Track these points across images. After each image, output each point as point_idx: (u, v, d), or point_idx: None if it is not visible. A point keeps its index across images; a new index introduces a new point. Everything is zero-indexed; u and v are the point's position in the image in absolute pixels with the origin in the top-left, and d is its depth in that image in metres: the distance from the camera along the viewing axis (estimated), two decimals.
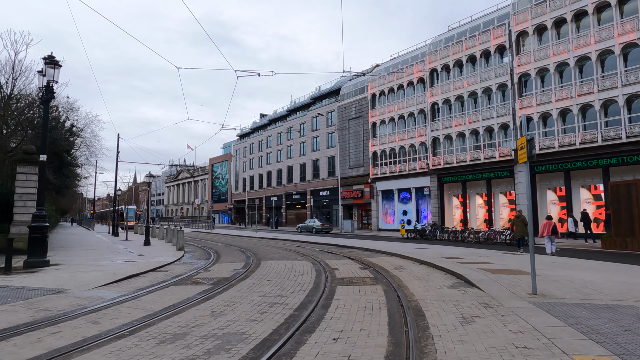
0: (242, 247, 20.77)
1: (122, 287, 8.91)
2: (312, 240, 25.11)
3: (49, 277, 9.89)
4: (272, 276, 10.32)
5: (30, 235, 11.86)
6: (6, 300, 7.30)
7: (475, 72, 32.44)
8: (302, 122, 56.47)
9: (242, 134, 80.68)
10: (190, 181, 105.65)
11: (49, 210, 29.57)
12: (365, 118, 43.38)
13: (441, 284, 8.81)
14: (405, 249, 17.76)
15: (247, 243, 24.00)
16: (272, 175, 63.45)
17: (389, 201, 40.80)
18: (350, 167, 45.54)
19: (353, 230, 37.25)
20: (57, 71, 12.28)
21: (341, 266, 12.35)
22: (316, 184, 52.32)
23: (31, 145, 17.69)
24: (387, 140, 40.01)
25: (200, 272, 11.25)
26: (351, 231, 37.06)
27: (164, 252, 17.71)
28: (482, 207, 32.89)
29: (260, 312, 6.34)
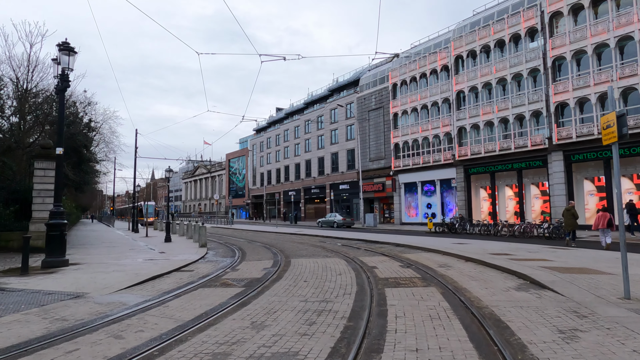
0: (266, 243, 19.93)
1: (146, 290, 8.08)
2: (336, 235, 24.15)
3: (68, 278, 9.14)
4: (307, 276, 9.38)
5: (48, 233, 11.17)
6: (20, 307, 6.52)
7: (504, 57, 30.82)
8: (320, 114, 55.39)
9: (259, 129, 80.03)
10: (207, 177, 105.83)
11: (69, 207, 29.41)
12: (386, 109, 42.06)
13: (505, 286, 7.72)
14: (440, 244, 16.63)
15: (270, 239, 23.18)
16: (289, 169, 62.65)
17: (412, 194, 39.52)
18: (370, 159, 44.35)
19: (375, 224, 36.16)
20: (72, 58, 11.51)
21: (378, 264, 11.34)
22: (335, 177, 51.30)
23: (48, 140, 17.10)
24: (409, 131, 38.66)
25: (228, 272, 10.38)
26: (373, 225, 35.98)
27: (186, 249, 16.99)
28: (512, 199, 31.39)
29: (308, 323, 5.38)
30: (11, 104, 20.43)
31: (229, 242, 21.42)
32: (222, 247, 18.55)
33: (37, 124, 21.74)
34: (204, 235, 17.63)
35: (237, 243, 20.41)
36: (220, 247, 18.57)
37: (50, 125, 22.33)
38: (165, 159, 43.87)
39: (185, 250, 16.14)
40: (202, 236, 17.58)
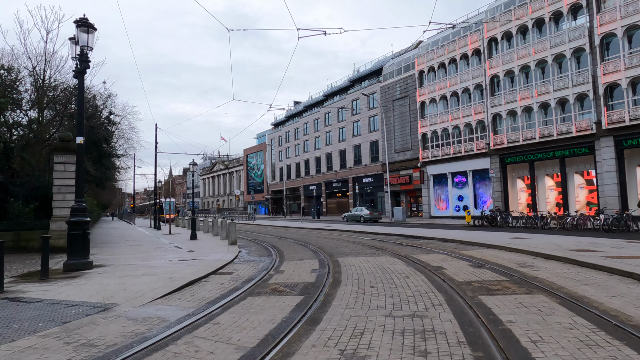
0: (298, 239, 18.59)
1: (185, 298, 6.76)
2: (369, 230, 22.67)
3: (93, 284, 7.91)
4: (369, 280, 7.95)
5: (70, 233, 9.99)
6: (37, 324, 5.25)
7: (543, 37, 28.71)
8: (340, 106, 53.79)
9: (277, 123, 78.87)
10: (225, 173, 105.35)
11: (90, 204, 28.66)
12: (412, 98, 40.23)
13: (637, 293, 6.15)
14: (493, 238, 15.02)
15: (300, 235, 21.84)
16: (310, 163, 61.29)
17: (442, 186, 37.71)
18: (396, 151, 42.61)
19: (404, 218, 34.54)
20: (91, 36, 10.25)
21: (442, 263, 9.84)
22: (358, 170, 49.72)
23: (68, 132, 16.03)
24: (438, 121, 36.79)
25: (273, 275, 9.03)
26: (402, 219, 34.36)
27: (216, 247, 15.76)
28: (554, 190, 29.39)
29: (419, 353, 3.95)
30: (29, 97, 19.50)
31: (258, 239, 20.16)
32: (253, 244, 17.27)
33: (56, 118, 20.80)
34: (234, 232, 16.37)
35: (267, 240, 19.12)
36: (250, 244, 17.30)
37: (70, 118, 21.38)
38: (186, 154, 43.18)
39: (215, 249, 14.90)
40: (232, 233, 16.31)
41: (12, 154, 17.28)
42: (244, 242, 18.19)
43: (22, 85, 19.46)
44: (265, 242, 17.74)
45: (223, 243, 17.32)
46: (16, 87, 18.24)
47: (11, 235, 14.36)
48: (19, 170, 16.66)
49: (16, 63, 17.38)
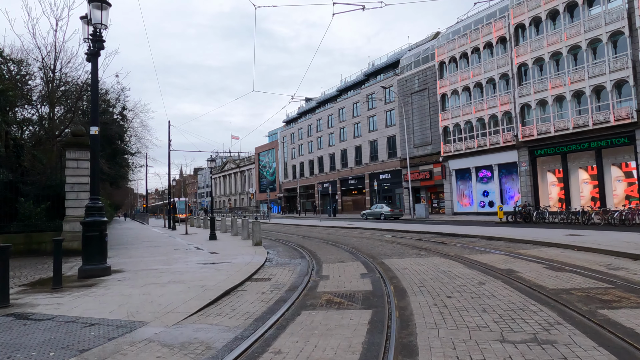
0: (326, 239, 17.37)
1: (226, 314, 5.57)
2: (397, 228, 21.37)
3: (113, 295, 6.75)
4: (437, 286, 6.69)
5: (85, 234, 8.88)
6: (48, 353, 4.08)
7: (576, 21, 27.05)
8: (355, 101, 52.42)
9: (289, 120, 77.79)
10: (236, 172, 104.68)
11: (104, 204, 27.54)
12: (432, 90, 38.73)
13: None
14: (548, 235, 13.63)
15: (325, 234, 20.62)
16: (323, 160, 60.05)
17: (465, 181, 36.20)
18: (415, 146, 41.15)
19: (427, 215, 33.12)
20: (105, 13, 9.11)
21: (508, 265, 8.54)
22: (375, 167, 48.34)
23: (80, 127, 14.99)
24: (460, 113, 35.26)
25: (318, 281, 7.80)
26: (425, 216, 32.95)
27: (239, 248, 14.60)
28: (588, 183, 27.76)
29: None
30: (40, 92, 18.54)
31: (280, 238, 18.99)
32: (278, 244, 16.09)
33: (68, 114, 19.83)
34: (259, 232, 15.19)
35: (291, 239, 17.93)
36: (276, 245, 16.12)
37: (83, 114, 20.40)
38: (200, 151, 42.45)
39: (239, 250, 13.74)
40: (256, 233, 15.13)
41: (23, 152, 16.33)
42: (268, 242, 17.01)
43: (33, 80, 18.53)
44: (290, 242, 16.56)
45: (246, 243, 16.16)
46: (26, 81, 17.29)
47: (22, 237, 13.37)
48: (29, 168, 15.69)
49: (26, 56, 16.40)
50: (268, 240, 18.20)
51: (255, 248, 14.04)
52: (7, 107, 14.16)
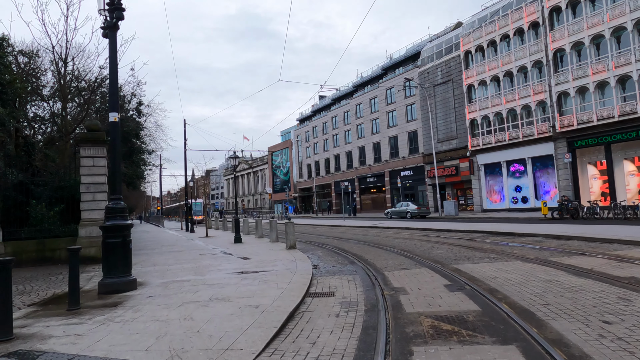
0: (363, 240, 15.83)
1: (306, 351, 4.03)
2: (433, 227, 19.72)
3: (145, 321, 5.25)
4: (570, 305, 5.07)
5: (105, 241, 7.43)
6: None
7: (620, 1, 25.04)
8: (372, 96, 50.71)
9: (302, 118, 76.35)
10: (249, 172, 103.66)
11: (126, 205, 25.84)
12: (457, 81, 36.88)
13: None
14: (628, 232, 11.87)
15: (357, 234, 19.06)
16: (340, 158, 58.42)
17: (495, 176, 34.29)
18: (439, 140, 39.32)
19: (456, 212, 31.32)
20: None
21: (632, 273, 6.86)
22: (395, 163, 46.58)
23: (96, 121, 13.64)
24: (489, 104, 33.37)
25: (395, 296, 6.24)
26: (454, 214, 31.16)
27: (272, 252, 13.10)
28: (635, 175, 25.74)
29: None
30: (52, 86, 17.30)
31: (312, 240, 17.47)
32: (314, 247, 14.57)
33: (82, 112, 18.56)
34: (292, 234, 13.67)
35: (325, 242, 16.40)
36: (311, 247, 14.60)
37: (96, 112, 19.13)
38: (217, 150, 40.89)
39: (274, 255, 12.24)
40: (290, 234, 13.61)
41: (34, 150, 15.05)
42: (301, 245, 15.49)
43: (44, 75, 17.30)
44: (326, 245, 15.03)
45: (277, 247, 14.66)
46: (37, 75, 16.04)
47: (34, 244, 12.04)
48: (41, 168, 14.39)
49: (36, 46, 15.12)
50: (300, 243, 16.71)
51: (292, 252, 12.52)
52: (17, 101, 12.86)
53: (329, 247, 14.01)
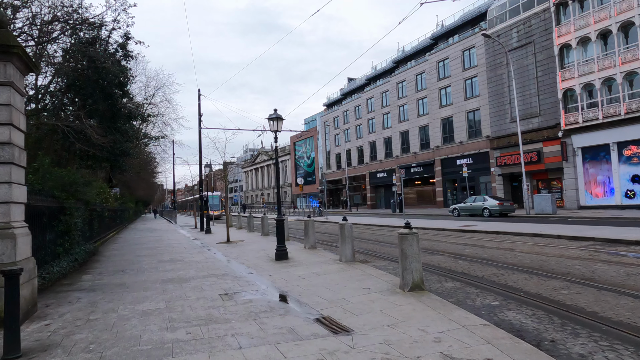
0: (518, 264, 8.51)
1: None
2: (575, 234, 12.26)
3: None
4: None
5: None
6: None
7: None
8: (419, 71, 42.98)
9: (330, 103, 69.07)
10: (269, 164, 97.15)
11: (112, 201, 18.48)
12: (542, 43, 28.96)
13: None
14: None
15: (464, 244, 11.75)
16: (376, 146, 50.96)
17: (598, 163, 26.39)
18: (512, 119, 31.54)
19: (554, 209, 23.59)
20: None
21: None
22: (449, 150, 38.89)
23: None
24: (595, 68, 25.41)
25: None
26: (551, 211, 23.45)
27: (363, 289, 5.97)
28: None
29: None
30: None
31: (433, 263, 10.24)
32: (439, 276, 7.33)
33: None
34: (416, 259, 6.44)
35: (457, 268, 9.16)
36: (428, 275, 7.35)
37: None
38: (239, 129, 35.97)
39: (389, 309, 5.09)
40: (412, 259, 6.38)
41: None
42: (391, 266, 8.27)
43: None
44: (476, 278, 7.78)
45: (365, 276, 7.54)
46: None
47: None
48: None
49: None
50: (381, 260, 9.54)
51: (419, 299, 5.29)
52: None
53: (463, 278, 6.75)
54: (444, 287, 6.96)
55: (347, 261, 9.45)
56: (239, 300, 6.31)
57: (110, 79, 11.78)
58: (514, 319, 5.04)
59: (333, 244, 14.79)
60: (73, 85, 11.52)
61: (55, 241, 9.46)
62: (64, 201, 9.90)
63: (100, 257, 12.65)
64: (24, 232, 5.82)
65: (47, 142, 12.94)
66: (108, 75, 11.72)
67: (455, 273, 8.04)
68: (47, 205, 8.77)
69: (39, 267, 7.85)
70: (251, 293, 6.85)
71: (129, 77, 12.57)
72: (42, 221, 8.25)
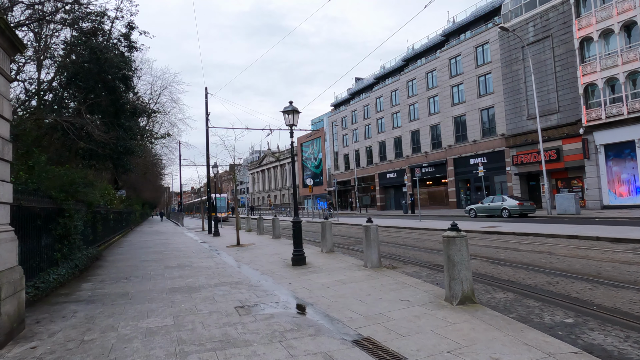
0: (583, 273, 7.53)
1: None
2: (630, 236, 11.22)
3: None
4: None
5: None
6: None
7: None
8: (429, 69, 41.97)
9: (337, 103, 68.18)
10: (275, 165, 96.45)
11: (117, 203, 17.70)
12: (560, 37, 27.88)
13: None
14: None
15: (506, 251, 10.76)
16: (386, 146, 49.97)
17: (622, 161, 25.25)
18: (529, 117, 30.47)
19: (577, 209, 22.47)
20: None
21: None
22: (462, 149, 37.82)
23: None
24: (619, 61, 24.29)
25: None
26: (575, 212, 22.34)
27: (405, 304, 5.02)
28: None
29: None
30: None
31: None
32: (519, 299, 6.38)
33: None
34: (465, 267, 5.50)
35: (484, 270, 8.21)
36: (492, 294, 6.41)
37: None
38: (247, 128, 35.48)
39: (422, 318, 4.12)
40: (460, 267, 5.45)
41: None
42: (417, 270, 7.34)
43: None
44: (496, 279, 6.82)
45: (401, 286, 6.62)
46: None
47: None
48: None
49: None
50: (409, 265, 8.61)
51: (473, 315, 4.35)
52: None
53: (568, 304, 5.78)
54: (496, 298, 6.01)
55: (373, 267, 8.53)
56: (259, 315, 5.41)
57: (113, 71, 10.95)
58: (605, 342, 4.09)
59: (351, 247, 13.88)
60: (74, 79, 10.72)
61: (53, 246, 8.63)
62: (63, 202, 9.08)
63: (104, 262, 11.83)
64: (7, 237, 4.96)
65: (47, 140, 12.16)
66: (111, 67, 10.89)
67: (501, 281, 7.08)
68: (43, 206, 7.94)
69: (33, 275, 7.03)
70: (271, 305, 5.96)
71: (133, 69, 11.76)
72: (36, 224, 7.42)
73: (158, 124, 28.09)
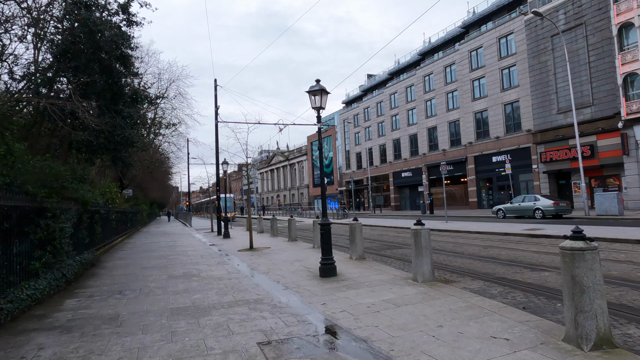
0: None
1: None
2: None
3: None
4: None
5: None
6: None
7: None
8: (448, 63, 40.05)
9: (349, 100, 66.46)
10: (285, 165, 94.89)
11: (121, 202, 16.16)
12: (594, 24, 25.88)
13: None
14: None
15: None
16: (400, 143, 48.10)
17: None
18: (559, 110, 28.48)
19: (621, 211, 20.48)
20: None
21: None
22: (484, 146, 35.86)
23: None
24: None
25: None
26: (618, 213, 20.36)
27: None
28: None
29: None
30: None
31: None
32: None
33: None
34: (597, 295, 3.78)
35: (547, 282, 6.43)
36: None
37: None
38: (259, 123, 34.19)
39: None
40: (591, 295, 3.74)
41: None
42: (483, 286, 5.60)
43: None
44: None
45: (456, 300, 4.87)
46: None
47: None
48: None
49: None
50: (467, 278, 6.85)
51: None
52: None
53: None
54: (630, 335, 4.25)
55: (425, 281, 6.80)
56: None
57: (109, 48, 9.37)
58: None
59: (380, 252, 12.14)
60: (63, 56, 9.15)
61: (31, 254, 7.04)
62: (45, 200, 7.50)
63: (99, 270, 10.26)
64: None
65: (36, 130, 10.61)
66: (106, 44, 9.32)
67: (624, 308, 5.30)
68: (15, 204, 6.35)
69: None
70: (307, 340, 4.27)
71: (132, 47, 10.17)
72: (1, 228, 5.82)
73: (165, 119, 26.61)
